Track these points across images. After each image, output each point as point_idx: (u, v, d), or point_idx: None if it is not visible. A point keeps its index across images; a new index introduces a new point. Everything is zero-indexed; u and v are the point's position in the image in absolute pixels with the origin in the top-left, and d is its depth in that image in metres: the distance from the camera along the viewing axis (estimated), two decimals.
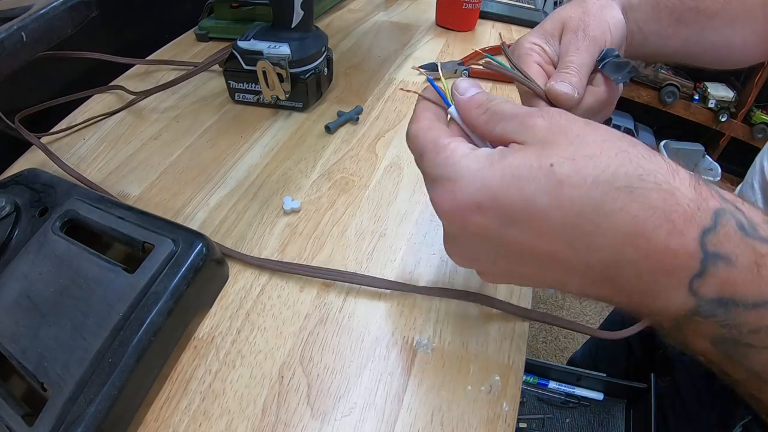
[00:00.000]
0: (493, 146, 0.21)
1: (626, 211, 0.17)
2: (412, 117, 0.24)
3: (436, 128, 0.22)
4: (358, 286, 0.33)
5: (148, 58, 0.59)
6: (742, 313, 0.17)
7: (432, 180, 0.21)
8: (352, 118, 0.50)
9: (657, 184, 0.17)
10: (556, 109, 0.20)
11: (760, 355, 0.18)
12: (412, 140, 0.23)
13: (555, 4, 1.91)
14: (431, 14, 0.75)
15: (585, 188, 0.17)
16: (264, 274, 0.34)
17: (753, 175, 0.49)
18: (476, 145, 0.22)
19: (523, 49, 0.29)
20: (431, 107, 0.23)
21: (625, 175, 0.17)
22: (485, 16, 0.75)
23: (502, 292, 0.33)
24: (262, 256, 0.35)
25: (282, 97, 0.48)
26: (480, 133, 0.22)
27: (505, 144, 0.20)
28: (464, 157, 0.20)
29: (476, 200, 0.19)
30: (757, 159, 0.49)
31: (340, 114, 0.50)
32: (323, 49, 0.49)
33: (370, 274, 0.34)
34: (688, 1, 0.33)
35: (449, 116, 0.24)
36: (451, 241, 0.22)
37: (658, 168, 0.17)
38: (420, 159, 0.22)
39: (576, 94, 0.25)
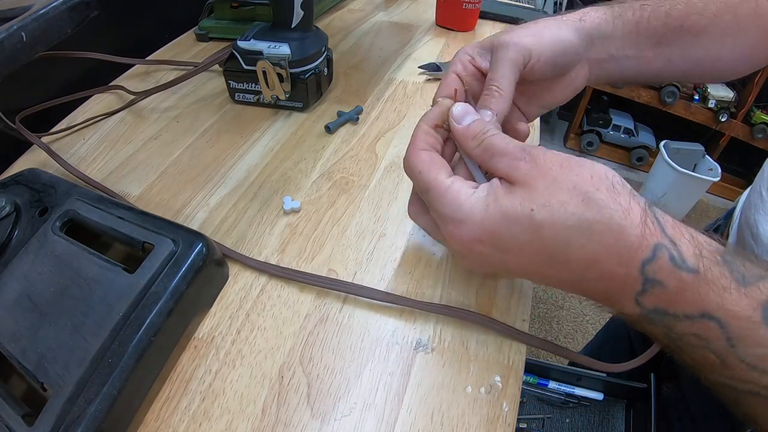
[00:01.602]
0: (486, 173, 0.27)
1: (587, 247, 0.22)
2: (410, 143, 0.28)
3: (436, 163, 0.26)
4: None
5: (148, 58, 0.59)
6: (673, 322, 0.22)
7: (442, 218, 0.26)
8: (352, 118, 0.50)
9: (609, 227, 0.22)
10: (537, 151, 0.24)
11: (694, 351, 0.22)
12: (414, 174, 0.27)
13: (555, 4, 1.91)
14: (431, 14, 0.75)
15: (556, 230, 0.22)
16: (264, 274, 0.34)
17: (761, 182, 0.46)
18: (470, 169, 0.27)
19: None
20: (429, 134, 0.28)
21: (587, 221, 0.22)
22: (485, 16, 0.75)
23: (499, 313, 0.32)
24: (262, 256, 0.35)
25: (282, 97, 0.48)
26: (475, 161, 0.27)
27: (496, 175, 0.25)
28: (467, 200, 0.24)
29: (478, 236, 0.24)
30: (765, 165, 0.46)
31: (340, 114, 0.50)
32: (323, 49, 0.49)
33: (371, 274, 0.34)
34: (672, 21, 0.32)
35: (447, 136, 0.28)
36: (460, 258, 0.28)
37: (614, 211, 0.22)
38: (425, 194, 0.27)
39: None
